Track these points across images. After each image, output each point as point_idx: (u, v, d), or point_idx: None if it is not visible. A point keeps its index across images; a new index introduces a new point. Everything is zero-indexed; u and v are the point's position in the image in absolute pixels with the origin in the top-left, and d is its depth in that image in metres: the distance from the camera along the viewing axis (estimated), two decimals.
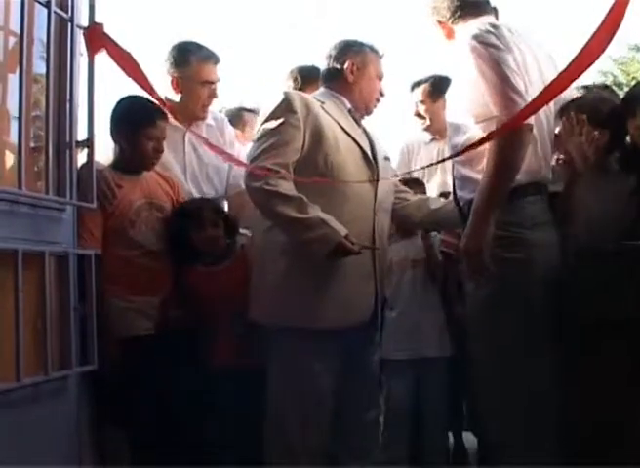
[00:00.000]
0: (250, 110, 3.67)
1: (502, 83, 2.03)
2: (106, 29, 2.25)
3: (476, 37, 2.08)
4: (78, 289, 2.15)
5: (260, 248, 2.35)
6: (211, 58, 2.82)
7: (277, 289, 2.23)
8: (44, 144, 2.05)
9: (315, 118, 2.26)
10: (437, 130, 3.35)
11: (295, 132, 2.22)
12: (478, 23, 2.16)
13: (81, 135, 2.26)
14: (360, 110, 2.45)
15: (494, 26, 2.12)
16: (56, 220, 2.09)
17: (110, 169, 2.44)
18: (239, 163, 2.48)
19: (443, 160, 2.41)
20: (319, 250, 2.12)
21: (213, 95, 2.83)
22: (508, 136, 2.00)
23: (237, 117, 3.55)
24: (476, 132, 2.12)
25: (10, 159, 2.01)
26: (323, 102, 2.35)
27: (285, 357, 2.22)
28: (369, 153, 2.37)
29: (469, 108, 2.14)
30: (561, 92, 1.96)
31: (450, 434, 3.04)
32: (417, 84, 3.38)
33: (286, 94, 2.29)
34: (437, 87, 3.30)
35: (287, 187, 2.16)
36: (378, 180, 2.35)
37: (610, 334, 2.05)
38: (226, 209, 2.92)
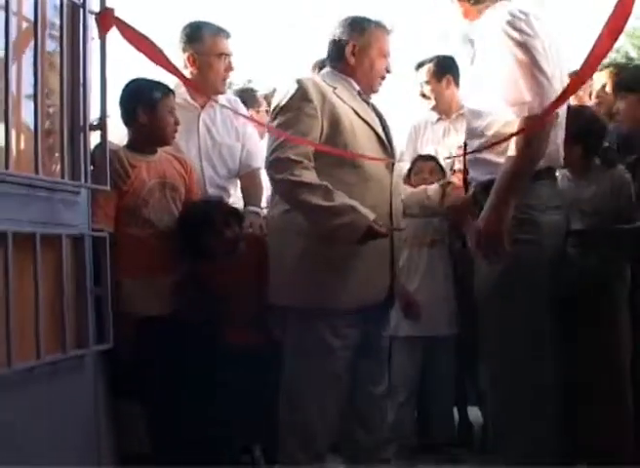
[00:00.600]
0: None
1: (535, 69, 2.07)
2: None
3: (510, 23, 2.10)
4: (94, 269, 2.21)
5: (277, 230, 2.37)
6: (222, 31, 2.87)
7: (295, 271, 2.26)
8: (58, 127, 2.10)
9: (331, 105, 2.28)
10: (443, 110, 3.37)
11: (312, 121, 2.23)
12: (508, 8, 2.17)
13: (94, 117, 2.30)
14: (366, 91, 2.45)
15: (524, 13, 2.13)
16: (71, 203, 2.15)
17: (125, 149, 2.49)
18: (273, 130, 2.35)
19: (473, 151, 2.28)
20: (350, 235, 2.15)
21: (229, 68, 2.88)
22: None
23: (251, 98, 3.57)
24: (497, 116, 2.15)
25: (24, 142, 2.06)
26: (335, 87, 2.35)
27: (303, 336, 2.26)
28: (383, 137, 2.39)
29: (502, 92, 2.14)
30: (580, 86, 2.05)
31: (455, 409, 3.11)
32: (420, 64, 3.38)
33: (300, 82, 2.29)
34: (441, 67, 3.32)
35: (311, 176, 2.19)
36: (394, 163, 2.39)
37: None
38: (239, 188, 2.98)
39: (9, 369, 1.74)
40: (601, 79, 2.91)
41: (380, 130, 2.39)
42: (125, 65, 2.93)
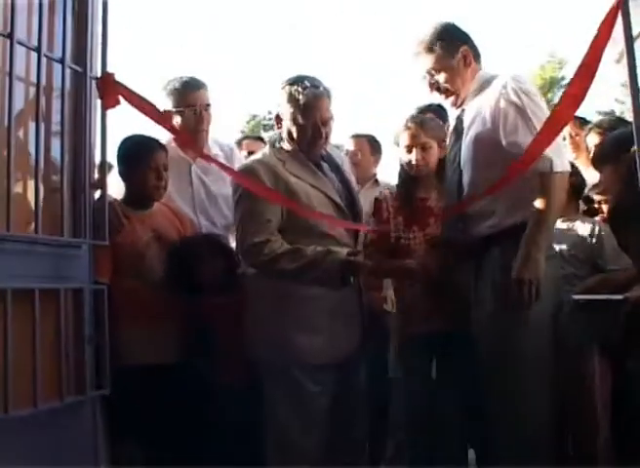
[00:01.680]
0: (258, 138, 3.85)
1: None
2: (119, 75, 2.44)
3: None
4: (94, 319, 2.33)
5: (250, 289, 2.54)
6: (190, 84, 2.94)
7: (266, 328, 2.45)
8: (59, 188, 2.24)
9: (285, 183, 2.44)
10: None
11: (269, 204, 2.41)
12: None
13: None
14: (313, 157, 2.56)
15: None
16: (72, 257, 2.29)
17: (120, 202, 2.61)
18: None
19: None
20: (333, 276, 2.31)
21: (203, 119, 2.94)
22: (563, 180, 2.33)
23: (242, 146, 3.71)
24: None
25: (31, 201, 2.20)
26: (284, 162, 2.50)
27: (279, 384, 2.44)
28: (340, 203, 2.53)
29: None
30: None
31: None
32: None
33: (248, 169, 2.49)
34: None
35: (279, 248, 2.36)
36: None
37: None
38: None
39: (5, 415, 1.86)
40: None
41: (335, 196, 2.52)
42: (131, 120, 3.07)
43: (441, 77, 2.53)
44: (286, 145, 2.56)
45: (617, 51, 2.05)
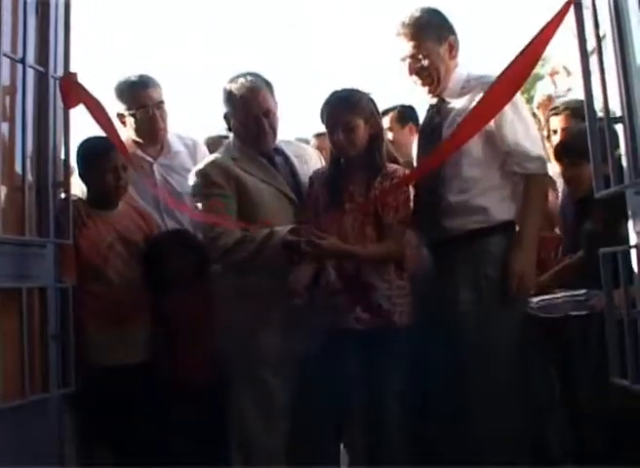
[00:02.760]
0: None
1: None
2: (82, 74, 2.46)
3: None
4: (60, 318, 2.34)
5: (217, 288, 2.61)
6: (138, 84, 2.94)
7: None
8: (21, 187, 2.24)
9: (236, 180, 2.53)
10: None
11: (226, 200, 2.52)
12: None
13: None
14: (262, 150, 2.62)
15: None
16: (37, 256, 2.28)
17: (83, 202, 2.63)
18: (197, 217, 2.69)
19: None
20: (279, 256, 2.37)
21: (154, 119, 2.93)
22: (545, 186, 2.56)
23: (219, 145, 3.66)
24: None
25: None
26: (235, 159, 2.56)
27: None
28: (291, 195, 2.60)
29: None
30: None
31: None
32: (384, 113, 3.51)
33: (202, 171, 2.56)
34: (403, 115, 3.46)
35: (230, 238, 2.46)
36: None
37: None
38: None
39: None
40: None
41: (285, 188, 2.58)
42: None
43: (425, 62, 2.51)
44: (236, 142, 2.62)
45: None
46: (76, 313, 2.34)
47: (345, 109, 2.49)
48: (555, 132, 3.02)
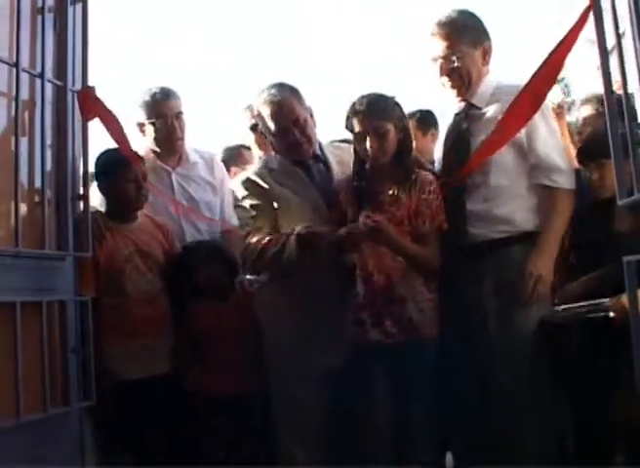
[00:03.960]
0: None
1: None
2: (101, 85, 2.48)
3: None
4: (80, 331, 2.35)
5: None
6: (159, 95, 2.98)
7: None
8: (41, 201, 2.26)
9: (269, 193, 2.56)
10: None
11: (259, 207, 2.56)
12: None
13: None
14: (296, 158, 2.60)
15: None
16: (57, 269, 2.30)
17: (102, 214, 2.64)
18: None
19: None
20: (298, 252, 2.37)
21: (172, 128, 2.98)
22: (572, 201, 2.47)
23: (237, 155, 3.64)
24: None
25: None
26: (272, 170, 2.59)
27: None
28: (322, 206, 2.57)
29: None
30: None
31: None
32: None
33: (239, 183, 2.63)
34: (425, 121, 3.41)
35: (259, 243, 2.50)
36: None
37: None
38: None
39: None
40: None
41: (315, 199, 2.57)
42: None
43: (458, 64, 2.46)
44: (272, 153, 2.64)
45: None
46: (95, 326, 2.35)
47: (375, 115, 2.40)
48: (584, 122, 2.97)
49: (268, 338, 2.59)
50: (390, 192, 2.43)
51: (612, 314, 2.12)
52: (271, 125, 2.54)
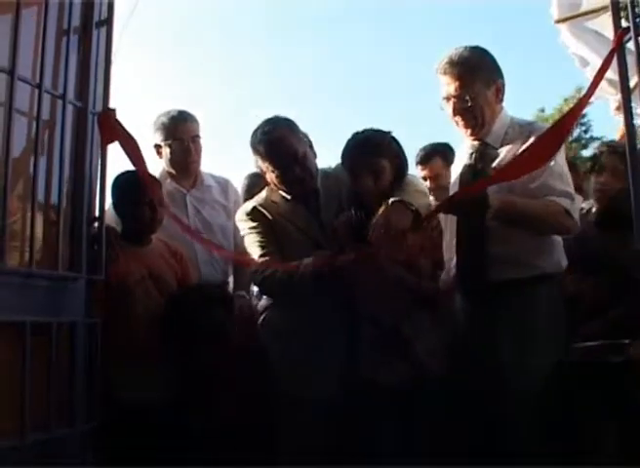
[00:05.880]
0: None
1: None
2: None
3: None
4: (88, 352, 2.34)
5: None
6: (177, 118, 3.03)
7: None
8: (56, 222, 2.27)
9: (272, 225, 2.58)
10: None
11: (265, 235, 2.58)
12: None
13: None
14: (294, 194, 2.61)
15: None
16: (69, 291, 2.29)
17: (117, 233, 2.65)
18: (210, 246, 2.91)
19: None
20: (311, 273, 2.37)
21: (188, 151, 3.03)
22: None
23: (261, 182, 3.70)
24: None
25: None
26: (277, 204, 2.59)
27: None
28: (320, 240, 2.56)
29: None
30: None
31: None
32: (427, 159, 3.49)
33: (244, 211, 2.66)
34: (448, 158, 3.36)
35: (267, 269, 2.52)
36: None
37: None
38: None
39: None
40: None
41: (315, 233, 2.57)
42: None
43: (472, 104, 2.40)
44: (275, 189, 2.64)
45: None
46: (104, 348, 2.34)
47: (369, 152, 2.41)
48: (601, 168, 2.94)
49: (273, 364, 2.57)
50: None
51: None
52: (270, 163, 2.54)
